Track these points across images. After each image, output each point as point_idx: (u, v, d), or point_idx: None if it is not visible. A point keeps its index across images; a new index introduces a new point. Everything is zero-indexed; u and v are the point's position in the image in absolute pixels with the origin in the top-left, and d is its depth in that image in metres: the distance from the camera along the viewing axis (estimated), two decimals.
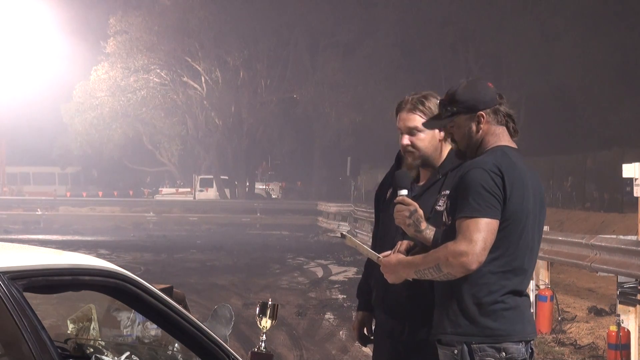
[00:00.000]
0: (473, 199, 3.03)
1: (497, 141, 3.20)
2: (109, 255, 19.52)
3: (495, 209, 3.03)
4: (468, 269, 3.00)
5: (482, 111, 3.19)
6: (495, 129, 3.21)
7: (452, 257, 3.00)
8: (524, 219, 3.11)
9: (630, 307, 8.25)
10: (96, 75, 39.50)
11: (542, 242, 10.88)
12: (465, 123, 3.22)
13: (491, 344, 3.06)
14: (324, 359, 8.72)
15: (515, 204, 3.08)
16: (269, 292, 13.45)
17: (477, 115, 3.20)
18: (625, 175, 9.63)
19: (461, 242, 3.00)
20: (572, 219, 23.85)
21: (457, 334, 3.09)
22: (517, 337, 3.09)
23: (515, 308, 3.11)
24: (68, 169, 47.72)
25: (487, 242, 3.01)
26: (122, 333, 3.32)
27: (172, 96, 41.30)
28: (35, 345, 2.31)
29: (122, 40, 38.92)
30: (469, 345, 3.06)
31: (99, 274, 2.70)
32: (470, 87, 3.24)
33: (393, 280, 3.30)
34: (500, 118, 3.22)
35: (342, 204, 30.54)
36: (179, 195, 42.79)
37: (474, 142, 3.22)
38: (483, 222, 3.01)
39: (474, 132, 3.21)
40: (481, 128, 3.20)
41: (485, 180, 3.05)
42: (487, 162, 3.10)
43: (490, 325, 3.07)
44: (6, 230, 28.02)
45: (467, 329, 3.08)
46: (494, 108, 3.21)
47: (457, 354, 3.09)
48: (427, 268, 3.09)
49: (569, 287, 13.80)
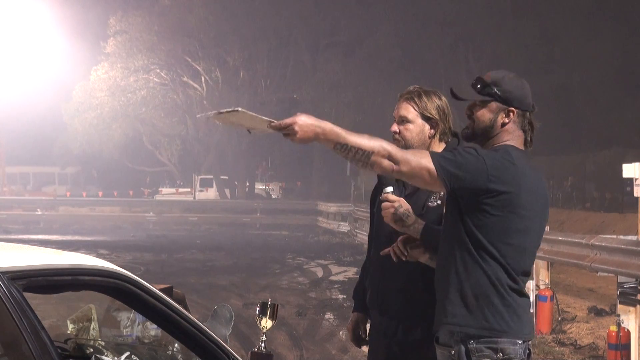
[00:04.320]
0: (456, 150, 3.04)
1: (508, 139, 3.19)
2: (109, 255, 19.51)
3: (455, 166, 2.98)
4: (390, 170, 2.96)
5: (515, 108, 3.20)
6: (514, 131, 3.21)
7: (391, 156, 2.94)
8: (521, 219, 3.09)
9: (631, 307, 8.25)
10: (96, 75, 39.50)
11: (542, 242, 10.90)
12: (496, 111, 3.20)
13: (488, 344, 3.04)
14: (324, 359, 8.72)
15: (526, 200, 3.07)
16: (269, 292, 13.45)
17: (508, 110, 3.20)
18: (625, 175, 9.62)
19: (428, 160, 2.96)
20: (572, 219, 23.85)
21: (453, 323, 3.08)
22: (514, 335, 3.07)
23: (515, 307, 3.10)
24: (68, 169, 47.69)
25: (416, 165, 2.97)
26: (122, 333, 3.32)
27: (172, 96, 41.31)
28: (35, 345, 2.31)
29: (122, 40, 38.92)
30: (466, 345, 3.05)
31: (99, 274, 2.70)
32: (517, 82, 3.24)
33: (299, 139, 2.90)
34: (525, 124, 3.22)
35: (342, 204, 30.55)
36: (179, 195, 42.78)
37: (492, 131, 3.21)
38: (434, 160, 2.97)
39: (496, 123, 3.20)
40: (505, 123, 3.19)
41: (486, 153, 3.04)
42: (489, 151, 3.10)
43: (488, 319, 3.06)
44: (6, 230, 28.01)
45: (464, 319, 3.06)
46: (524, 112, 3.22)
47: (454, 354, 3.08)
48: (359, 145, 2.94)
49: (569, 287, 13.81)
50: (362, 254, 3.60)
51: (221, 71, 40.51)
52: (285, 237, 28.12)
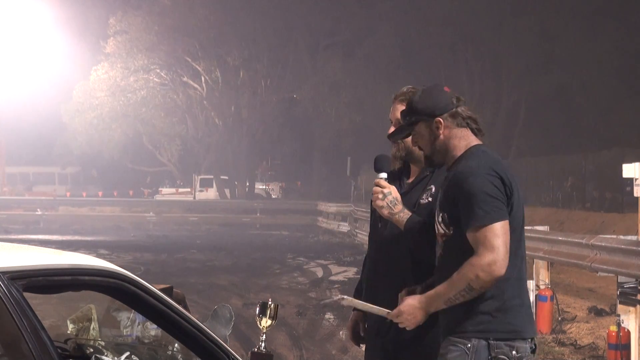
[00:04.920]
0: (479, 207, 3.05)
1: (467, 143, 3.23)
2: (109, 255, 19.51)
3: (502, 210, 3.07)
4: (500, 277, 3.04)
5: (440, 117, 3.23)
6: (457, 132, 3.24)
7: (482, 271, 3.02)
8: (522, 210, 3.20)
9: (631, 307, 8.24)
10: (96, 75, 39.50)
11: (542, 242, 10.97)
12: (425, 130, 3.27)
13: (507, 341, 3.10)
14: (324, 359, 8.72)
15: (516, 199, 3.14)
16: (269, 292, 13.45)
17: (435, 121, 3.24)
18: (625, 175, 9.62)
19: (484, 253, 3.02)
20: (572, 219, 23.85)
21: (479, 331, 3.12)
22: (529, 334, 3.16)
23: (528, 306, 3.21)
24: (68, 169, 47.70)
25: (506, 244, 3.05)
26: (122, 333, 3.32)
27: (172, 96, 41.31)
28: (35, 345, 2.31)
29: (122, 40, 38.92)
30: (487, 340, 3.10)
31: (99, 274, 2.70)
32: (425, 95, 3.29)
33: (415, 324, 3.21)
34: (460, 121, 3.25)
35: (342, 204, 30.55)
36: (179, 195, 42.78)
37: (438, 147, 3.26)
38: (498, 226, 3.04)
39: (435, 138, 3.25)
40: (441, 133, 3.24)
41: (486, 185, 3.08)
42: (479, 167, 3.12)
43: (511, 321, 3.12)
44: (6, 230, 28.02)
45: (489, 326, 3.11)
46: (451, 112, 3.24)
47: (470, 348, 3.11)
48: (458, 292, 3.08)
49: (569, 287, 13.80)
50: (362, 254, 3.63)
51: (221, 71, 40.50)
52: (285, 237, 28.12)
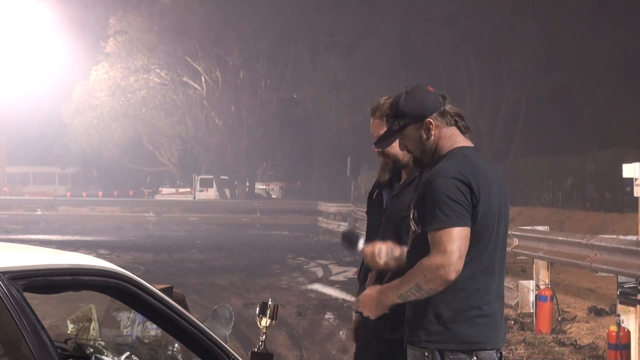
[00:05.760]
0: (440, 210, 2.98)
1: (452, 144, 3.17)
2: (109, 255, 19.52)
3: (463, 216, 2.99)
4: (447, 281, 2.96)
5: (429, 117, 3.17)
6: (446, 131, 3.18)
7: (430, 273, 2.96)
8: (494, 220, 3.09)
9: (631, 307, 8.24)
10: (96, 75, 39.49)
11: (542, 242, 10.97)
12: (416, 133, 3.19)
13: (463, 353, 3.04)
14: (324, 359, 8.72)
15: (484, 208, 3.04)
16: (269, 292, 13.45)
17: (425, 123, 3.17)
18: (625, 175, 9.62)
19: (435, 255, 2.96)
20: (572, 219, 23.85)
21: (431, 341, 3.06)
22: (491, 345, 3.07)
23: (490, 316, 3.09)
24: (68, 169, 47.70)
25: (461, 250, 2.96)
26: (122, 333, 3.32)
27: (172, 96, 41.31)
28: (35, 345, 2.31)
29: (122, 40, 38.91)
30: (442, 351, 3.04)
31: (99, 274, 2.70)
32: (411, 97, 3.20)
33: (376, 313, 3.24)
34: (449, 119, 3.19)
35: (342, 204, 30.56)
36: (179, 195, 42.79)
37: (428, 148, 3.19)
38: (455, 232, 2.96)
39: (425, 140, 3.18)
40: (432, 134, 3.17)
41: (449, 189, 3.00)
42: (449, 169, 3.05)
43: (466, 332, 3.04)
44: (6, 230, 28.02)
45: (442, 337, 3.05)
46: (440, 111, 3.17)
47: (427, 356, 3.06)
48: (409, 289, 3.04)
49: (569, 287, 13.80)
50: None
51: (221, 71, 40.50)
52: (285, 237, 28.13)
